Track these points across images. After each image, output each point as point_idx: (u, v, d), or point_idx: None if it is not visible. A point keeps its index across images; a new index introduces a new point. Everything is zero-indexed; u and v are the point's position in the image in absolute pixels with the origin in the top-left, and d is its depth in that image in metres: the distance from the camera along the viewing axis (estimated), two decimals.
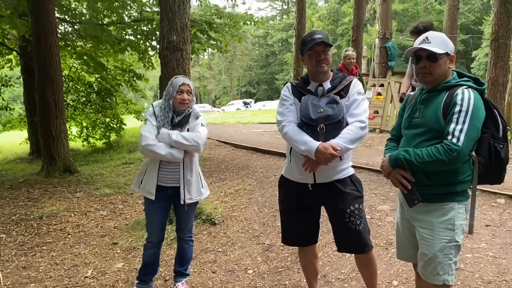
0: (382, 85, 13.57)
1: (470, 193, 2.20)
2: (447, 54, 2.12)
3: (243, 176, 6.62)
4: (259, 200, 5.51)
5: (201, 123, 3.11)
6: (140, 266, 3.28)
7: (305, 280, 3.44)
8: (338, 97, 2.62)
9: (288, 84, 2.82)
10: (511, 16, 7.55)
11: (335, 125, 2.56)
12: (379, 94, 13.52)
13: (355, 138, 2.57)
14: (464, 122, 2.00)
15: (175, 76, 3.13)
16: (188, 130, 3.07)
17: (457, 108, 2.02)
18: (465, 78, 2.17)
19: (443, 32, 15.90)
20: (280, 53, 59.06)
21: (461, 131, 2.00)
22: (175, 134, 2.97)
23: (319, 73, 2.67)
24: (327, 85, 2.68)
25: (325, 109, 2.56)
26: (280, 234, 2.98)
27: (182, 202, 3.07)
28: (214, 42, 9.06)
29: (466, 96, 2.04)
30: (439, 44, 2.11)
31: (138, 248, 4.26)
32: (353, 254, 2.92)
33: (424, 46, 2.11)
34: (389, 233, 4.21)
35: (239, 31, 9.25)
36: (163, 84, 4.65)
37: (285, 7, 63.35)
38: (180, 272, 3.37)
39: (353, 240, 2.70)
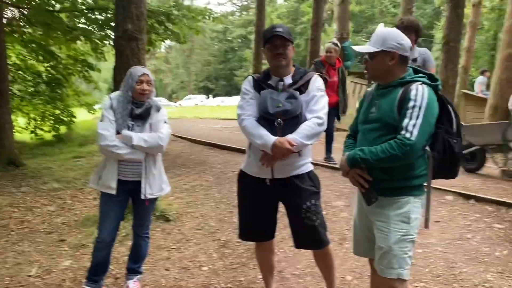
0: None
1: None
2: (383, 51, 2.15)
3: (200, 172, 6.51)
4: (216, 196, 5.43)
5: (164, 120, 3.01)
6: (89, 265, 3.11)
7: (260, 276, 3.41)
8: (297, 92, 2.60)
9: (249, 78, 2.78)
10: (461, 20, 7.87)
11: (292, 120, 2.55)
12: None
13: (312, 134, 2.57)
14: (417, 117, 2.03)
15: (134, 66, 3.00)
16: (150, 126, 2.95)
17: (411, 104, 2.05)
18: (420, 75, 2.20)
19: None
20: (239, 49, 58.87)
21: (414, 125, 2.03)
22: (137, 139, 2.84)
23: (277, 67, 2.64)
24: (288, 80, 2.66)
25: (284, 104, 2.54)
26: (237, 230, 2.94)
27: (142, 197, 2.94)
28: (171, 34, 8.84)
29: (420, 91, 2.07)
30: (374, 43, 2.18)
31: (88, 246, 4.07)
32: (309, 250, 2.91)
33: (359, 47, 2.28)
34: (343, 228, 4.27)
35: (197, 23, 9.08)
36: (117, 75, 4.47)
37: (244, 3, 63.19)
38: (133, 270, 3.24)
39: (310, 236, 2.69)
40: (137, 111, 2.90)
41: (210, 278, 3.47)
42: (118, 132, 2.88)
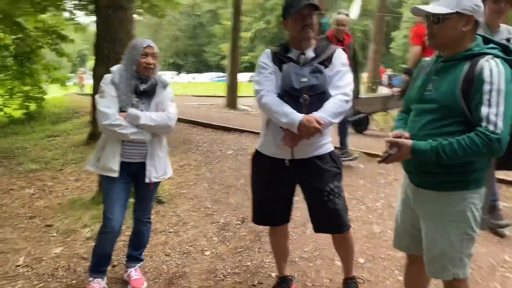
0: None
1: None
2: (458, 13, 1.77)
3: (186, 151, 6.27)
4: (208, 176, 5.23)
5: (171, 99, 2.77)
6: (93, 256, 2.87)
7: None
8: (322, 66, 2.41)
9: (267, 51, 2.56)
10: None
11: (319, 96, 2.37)
12: None
13: (339, 112, 2.40)
14: (498, 104, 1.69)
15: (137, 38, 2.72)
16: (156, 104, 2.70)
17: (487, 87, 1.70)
18: (491, 45, 1.84)
19: (372, 11, 16.29)
20: (208, 25, 57.74)
21: (497, 115, 1.68)
22: (144, 117, 2.59)
23: (304, 40, 2.44)
24: (310, 53, 2.47)
25: (309, 78, 2.35)
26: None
27: (147, 180, 2.71)
28: (150, 8, 8.41)
29: (494, 70, 1.71)
30: (447, 2, 1.78)
31: (78, 231, 3.82)
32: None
33: (427, 7, 1.83)
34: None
35: None
36: (103, 47, 4.15)
37: None
38: (134, 257, 3.03)
39: (332, 220, 2.55)
40: (142, 87, 2.65)
41: (214, 263, 3.30)
42: (121, 110, 2.62)
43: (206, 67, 53.06)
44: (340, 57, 2.48)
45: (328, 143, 2.56)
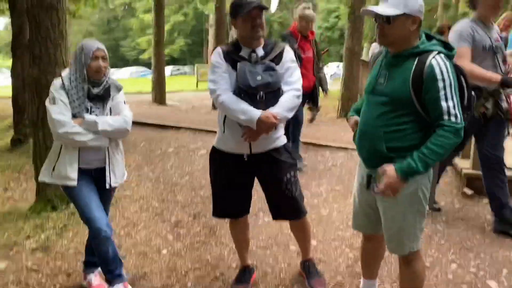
0: None
1: None
2: (405, 14, 1.92)
3: (124, 151, 6.10)
4: (151, 176, 5.19)
5: (124, 101, 2.73)
6: (102, 265, 2.76)
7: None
8: (273, 64, 2.54)
9: (219, 50, 2.63)
10: None
11: (274, 93, 2.51)
12: None
13: (293, 106, 2.57)
14: (453, 97, 1.89)
15: (85, 40, 2.61)
16: (110, 108, 2.65)
17: (441, 84, 1.88)
18: (434, 42, 2.02)
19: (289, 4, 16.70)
20: (123, 19, 55.62)
21: (455, 107, 1.89)
22: (101, 123, 2.54)
23: (255, 39, 2.54)
24: (260, 51, 2.58)
25: (263, 76, 2.47)
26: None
27: (108, 186, 2.68)
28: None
29: (443, 67, 1.90)
30: (396, 4, 1.93)
31: (20, 243, 3.63)
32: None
33: (376, 8, 1.99)
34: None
35: None
36: (35, 48, 3.94)
37: None
38: (92, 263, 2.98)
39: (290, 207, 2.72)
40: (95, 91, 2.58)
41: (173, 260, 3.33)
42: (75, 116, 2.55)
43: (124, 62, 51.17)
44: (289, 54, 2.63)
45: (281, 136, 2.71)
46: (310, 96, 4.98)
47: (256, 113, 2.42)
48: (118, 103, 2.70)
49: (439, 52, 1.95)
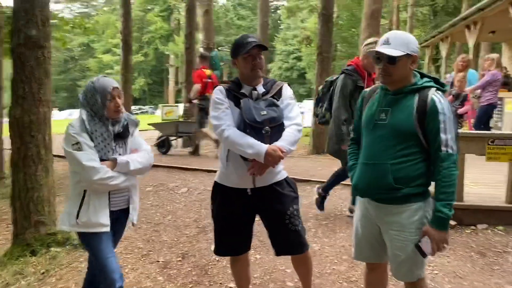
0: None
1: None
2: (407, 55, 2.11)
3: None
4: None
5: (139, 135, 2.71)
6: None
7: None
8: (274, 100, 2.63)
9: (221, 88, 2.70)
10: (331, 33, 8.77)
11: (278, 127, 2.58)
12: None
13: (295, 140, 2.62)
14: (451, 130, 2.07)
15: (97, 79, 2.52)
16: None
17: (442, 117, 2.06)
18: (427, 79, 2.20)
19: None
20: (80, 58, 55.13)
21: (452, 139, 2.07)
22: (132, 163, 2.48)
23: (255, 78, 2.64)
24: (261, 88, 2.67)
25: (268, 111, 2.55)
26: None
27: (130, 224, 2.66)
28: None
29: (443, 101, 2.09)
30: (399, 46, 2.10)
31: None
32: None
33: (382, 49, 2.12)
34: None
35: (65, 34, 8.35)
36: (19, 88, 3.85)
37: (85, 10, 59.27)
38: None
39: (293, 241, 2.72)
40: (115, 130, 2.51)
41: None
42: (102, 159, 2.44)
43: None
44: (287, 91, 2.73)
45: (282, 170, 2.76)
46: None
47: (264, 146, 2.47)
48: (135, 138, 2.66)
49: (437, 89, 2.14)
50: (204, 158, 8.30)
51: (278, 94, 2.69)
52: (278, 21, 54.75)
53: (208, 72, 8.45)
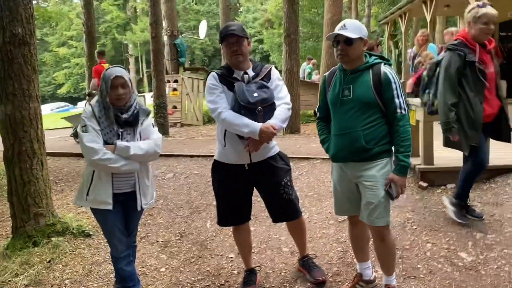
0: (176, 81, 14.07)
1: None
2: (360, 38, 2.54)
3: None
4: None
5: (152, 124, 2.87)
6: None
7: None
8: (264, 82, 2.88)
9: (214, 74, 2.95)
10: (298, 15, 9.03)
11: (270, 107, 2.84)
12: (174, 89, 13.99)
13: (286, 118, 2.91)
14: (402, 95, 2.54)
15: (108, 68, 2.70)
16: (139, 132, 2.78)
17: (394, 86, 2.53)
18: (375, 57, 2.64)
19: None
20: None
21: (403, 102, 2.54)
22: (133, 148, 2.65)
23: (236, 63, 2.87)
24: (251, 72, 2.92)
25: (259, 93, 2.81)
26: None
27: (139, 208, 2.81)
28: None
29: (393, 73, 2.57)
30: (353, 30, 2.51)
31: (10, 281, 3.56)
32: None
33: (342, 32, 2.50)
34: None
35: None
36: (8, 85, 3.94)
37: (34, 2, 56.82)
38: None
39: (288, 209, 3.03)
40: (123, 117, 2.69)
41: (175, 276, 3.49)
42: (107, 143, 2.65)
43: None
44: (275, 73, 2.99)
45: (275, 145, 3.05)
46: (495, 127, 3.54)
47: (258, 125, 2.75)
48: (147, 127, 2.83)
49: (384, 63, 2.61)
50: (179, 144, 8.46)
51: (267, 77, 2.95)
52: (237, 4, 54.55)
53: (106, 66, 9.03)
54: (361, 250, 2.95)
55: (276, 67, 3.08)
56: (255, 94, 2.79)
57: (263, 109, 2.79)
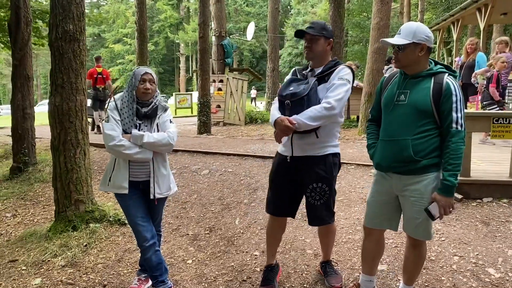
0: (221, 81, 14.34)
1: None
2: (414, 43, 2.39)
3: None
4: None
5: (170, 120, 3.04)
6: (150, 270, 3.08)
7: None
8: (313, 78, 2.86)
9: (293, 69, 3.10)
10: (343, 19, 8.99)
11: (299, 101, 2.77)
12: (219, 89, 14.25)
13: (317, 116, 2.72)
14: (461, 110, 2.36)
15: (137, 66, 2.98)
16: (157, 126, 2.97)
17: (454, 98, 2.35)
18: (440, 66, 2.49)
19: (268, 31, 17.31)
20: (92, 49, 55.60)
21: (461, 118, 2.35)
22: (147, 136, 2.86)
23: (308, 59, 2.97)
24: (319, 70, 2.92)
25: (295, 87, 2.84)
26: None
27: (152, 197, 2.96)
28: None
29: (456, 85, 2.38)
30: (405, 35, 2.41)
31: (49, 261, 3.82)
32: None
33: (391, 39, 2.45)
34: None
35: None
36: (58, 78, 4.21)
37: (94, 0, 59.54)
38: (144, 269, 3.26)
39: (313, 213, 3.00)
40: (143, 110, 2.92)
41: (200, 269, 3.60)
42: (126, 132, 2.89)
43: None
44: (339, 72, 2.84)
45: (328, 147, 2.92)
46: None
47: (276, 116, 2.81)
48: (165, 122, 3.02)
49: (449, 74, 2.44)
50: (218, 142, 8.63)
51: (329, 75, 2.88)
52: (288, 7, 54.64)
53: (99, 69, 11.10)
54: (371, 263, 2.87)
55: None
56: (291, 88, 2.84)
57: (291, 102, 2.79)
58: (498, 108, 6.51)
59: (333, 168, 2.96)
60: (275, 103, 2.94)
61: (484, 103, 6.68)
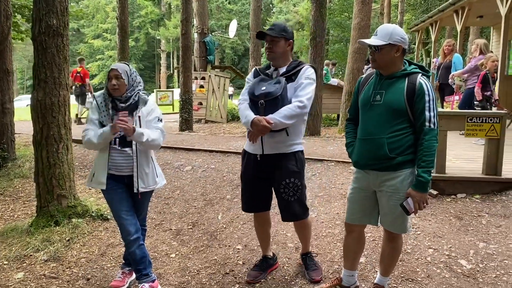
0: (203, 78, 14.33)
1: None
2: (390, 44, 2.47)
3: None
4: None
5: (159, 118, 3.08)
6: (133, 263, 3.12)
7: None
8: (283, 78, 2.94)
9: (255, 68, 3.16)
10: (325, 19, 9.11)
11: (273, 101, 2.84)
12: (201, 86, 14.25)
13: (292, 115, 2.83)
14: (434, 109, 2.45)
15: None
16: (139, 118, 3.00)
17: (427, 98, 2.44)
18: (414, 66, 2.57)
19: (250, 29, 17.29)
20: (70, 44, 54.64)
21: (434, 116, 2.44)
22: (147, 135, 2.92)
23: (269, 59, 3.05)
24: (283, 69, 3.01)
25: (267, 87, 2.90)
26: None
27: (135, 191, 3.01)
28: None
29: (428, 85, 2.47)
30: (382, 36, 2.49)
31: (31, 255, 3.82)
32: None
33: (369, 40, 2.53)
34: None
35: None
36: (40, 73, 4.20)
37: None
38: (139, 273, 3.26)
39: (286, 209, 3.09)
40: (121, 106, 2.95)
41: (183, 262, 3.67)
42: (102, 124, 2.98)
43: None
44: (305, 72, 2.95)
45: (296, 144, 3.03)
46: None
47: (251, 116, 2.86)
48: (152, 119, 3.06)
49: (422, 74, 2.53)
50: (201, 139, 8.67)
51: (296, 75, 2.97)
52: (271, 5, 54.69)
53: (79, 69, 12.73)
54: (352, 258, 2.94)
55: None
56: (263, 88, 2.90)
57: (266, 102, 2.85)
58: (480, 108, 6.63)
59: (302, 164, 3.09)
60: (244, 103, 2.97)
61: (475, 102, 6.77)
